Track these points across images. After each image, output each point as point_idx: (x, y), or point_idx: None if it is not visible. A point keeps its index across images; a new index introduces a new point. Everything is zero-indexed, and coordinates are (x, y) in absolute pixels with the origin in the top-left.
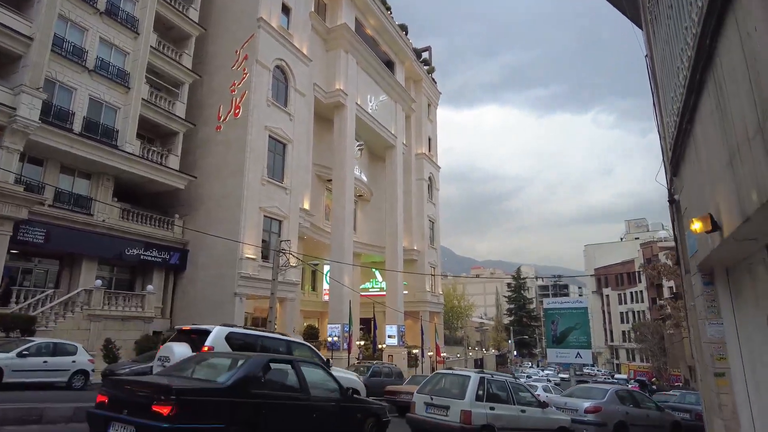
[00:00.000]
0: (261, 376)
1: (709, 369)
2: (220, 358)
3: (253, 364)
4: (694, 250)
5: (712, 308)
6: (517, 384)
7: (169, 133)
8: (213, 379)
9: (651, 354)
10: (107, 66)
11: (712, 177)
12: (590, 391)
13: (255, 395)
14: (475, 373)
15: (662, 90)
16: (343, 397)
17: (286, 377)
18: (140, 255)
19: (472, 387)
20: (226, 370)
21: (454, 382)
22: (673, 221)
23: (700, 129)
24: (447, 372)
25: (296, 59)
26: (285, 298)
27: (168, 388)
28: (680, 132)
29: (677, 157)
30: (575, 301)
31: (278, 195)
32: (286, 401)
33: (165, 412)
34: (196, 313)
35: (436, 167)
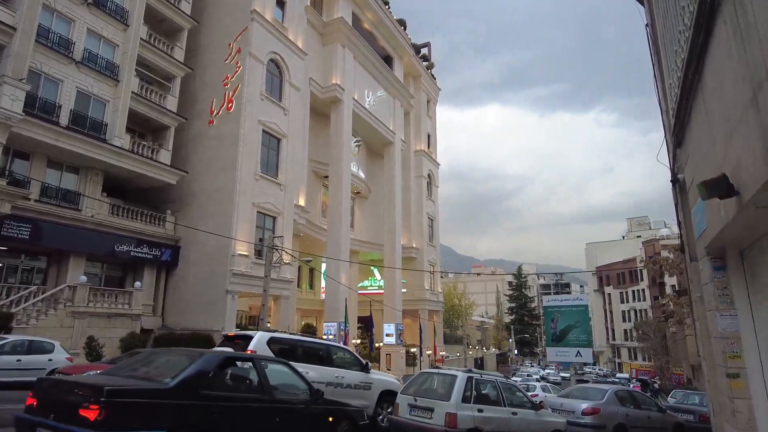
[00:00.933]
0: (215, 376)
1: (719, 369)
2: (178, 355)
3: (205, 362)
4: (701, 228)
5: (724, 297)
6: (508, 384)
7: (160, 128)
8: (160, 378)
9: (653, 353)
10: (95, 58)
11: (726, 128)
12: (588, 391)
13: (206, 397)
14: (462, 372)
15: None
16: (312, 398)
17: (245, 377)
18: (131, 251)
19: (458, 387)
20: (179, 369)
21: (439, 382)
22: (676, 204)
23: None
24: (433, 371)
25: (291, 53)
26: (279, 296)
27: (97, 390)
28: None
29: (681, 121)
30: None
31: (272, 191)
32: (244, 403)
33: (92, 416)
34: (188, 310)
35: (435, 164)
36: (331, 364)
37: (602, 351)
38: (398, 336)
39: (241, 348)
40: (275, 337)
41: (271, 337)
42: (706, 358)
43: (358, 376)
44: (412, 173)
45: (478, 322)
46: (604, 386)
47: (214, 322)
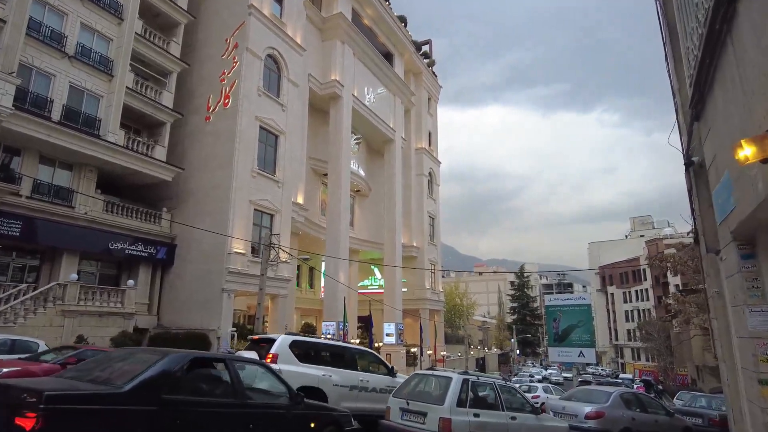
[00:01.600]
0: (180, 378)
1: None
2: (141, 355)
3: (169, 364)
4: (726, 210)
5: (755, 291)
6: (507, 386)
7: (156, 124)
8: (115, 382)
9: (657, 353)
10: (89, 52)
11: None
12: (592, 393)
13: (169, 402)
14: (457, 374)
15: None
16: (292, 402)
17: (216, 379)
18: (125, 249)
19: (453, 390)
20: (138, 371)
21: (433, 384)
22: (689, 190)
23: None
24: (427, 373)
25: (289, 48)
26: (277, 295)
27: (36, 395)
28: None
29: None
30: (578, 298)
31: (270, 188)
32: (213, 408)
33: (28, 425)
34: (184, 309)
35: (436, 162)
36: (355, 367)
37: (605, 351)
38: (398, 336)
39: (265, 351)
40: (297, 339)
41: (293, 340)
42: (725, 360)
43: (384, 380)
44: (413, 171)
45: (480, 322)
46: (608, 388)
47: (210, 321)
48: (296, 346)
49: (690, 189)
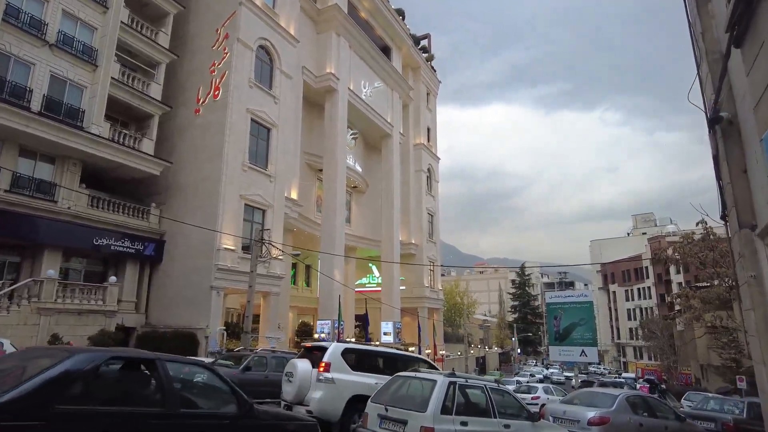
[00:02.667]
0: (86, 384)
1: None
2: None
3: (71, 365)
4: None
5: None
6: (500, 390)
7: (143, 116)
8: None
9: (660, 352)
10: (71, 41)
11: None
12: (595, 396)
13: (64, 415)
14: (443, 376)
15: None
16: (242, 410)
17: (138, 384)
18: (111, 245)
19: (437, 395)
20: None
21: (416, 388)
22: (716, 155)
23: None
24: (409, 375)
25: (282, 40)
26: (269, 293)
27: None
28: None
29: None
30: (580, 295)
31: (261, 182)
32: (129, 420)
33: None
34: (173, 307)
35: (435, 158)
36: None
37: (607, 350)
38: (396, 335)
39: (317, 359)
40: (349, 347)
41: (346, 348)
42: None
43: None
44: (411, 167)
45: (480, 321)
46: (613, 391)
47: (199, 319)
48: (348, 353)
49: (716, 154)
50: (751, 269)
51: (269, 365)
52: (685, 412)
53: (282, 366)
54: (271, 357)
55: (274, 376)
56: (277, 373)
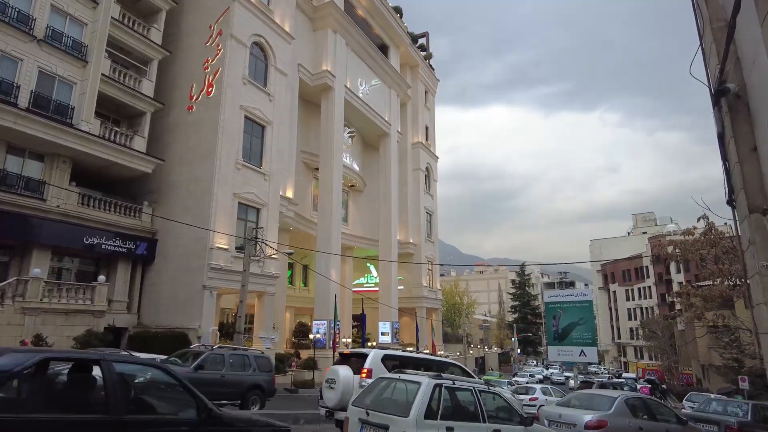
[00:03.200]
0: (10, 389)
1: None
2: None
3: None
4: None
5: None
6: (490, 392)
7: (135, 114)
8: None
9: (660, 352)
10: (60, 36)
11: None
12: (593, 399)
13: None
14: (428, 378)
15: None
16: (201, 416)
17: (79, 388)
18: (102, 244)
19: (420, 399)
20: None
21: (399, 390)
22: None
23: None
24: (393, 376)
25: (277, 36)
26: (264, 292)
27: None
28: None
29: None
30: (579, 294)
31: (255, 180)
32: (65, 429)
33: None
34: (166, 307)
35: (434, 157)
36: None
37: (607, 350)
38: (394, 335)
39: (358, 366)
40: (389, 354)
41: (386, 354)
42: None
43: None
44: (410, 166)
45: (480, 321)
46: (612, 392)
47: (192, 319)
48: (389, 360)
49: (721, 132)
50: (763, 258)
51: (227, 364)
52: (686, 415)
53: (243, 364)
54: (230, 355)
55: (233, 376)
56: (237, 373)
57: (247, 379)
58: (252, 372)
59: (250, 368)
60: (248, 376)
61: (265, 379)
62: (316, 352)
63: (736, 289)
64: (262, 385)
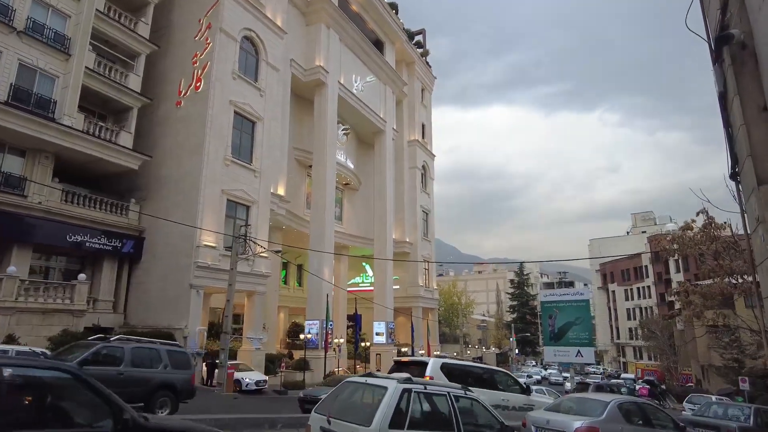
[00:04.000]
0: None
1: None
2: None
3: None
4: None
5: None
6: (467, 398)
7: (122, 109)
8: None
9: (660, 352)
10: (41, 28)
11: None
12: (584, 404)
13: None
14: (396, 382)
15: None
16: (118, 427)
17: None
18: (86, 242)
19: (386, 405)
20: None
21: (366, 396)
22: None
23: None
24: (359, 380)
25: (268, 31)
26: (254, 292)
27: None
28: None
29: None
30: (576, 293)
31: (245, 177)
32: None
33: None
34: (153, 307)
35: (430, 155)
36: (496, 387)
37: (606, 350)
38: (389, 335)
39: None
40: (446, 363)
41: (443, 363)
42: None
43: (520, 399)
44: (406, 164)
45: (479, 321)
46: (605, 396)
47: (179, 319)
48: (446, 368)
49: (723, 91)
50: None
51: (126, 359)
52: (685, 420)
53: (150, 360)
54: (133, 348)
55: (135, 374)
56: (142, 370)
57: (157, 377)
58: (163, 369)
59: (160, 364)
60: (157, 374)
61: (179, 378)
62: (307, 353)
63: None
64: (174, 384)
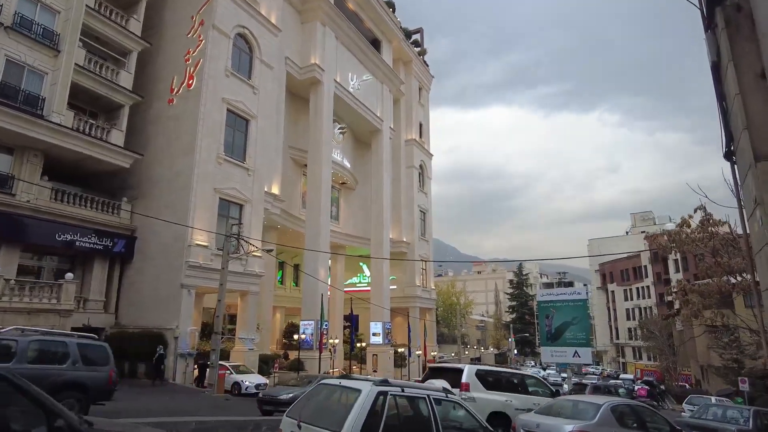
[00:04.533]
0: None
1: None
2: None
3: None
4: None
5: None
6: (448, 402)
7: (113, 107)
8: None
9: (659, 352)
10: (30, 24)
11: None
12: (576, 406)
13: None
14: (371, 384)
15: None
16: None
17: None
18: (76, 241)
19: (358, 410)
20: None
21: (338, 399)
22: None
23: None
24: (333, 382)
25: (262, 28)
26: (247, 292)
27: None
28: None
29: None
30: (573, 293)
31: (238, 175)
32: None
33: None
34: (145, 307)
35: (428, 155)
36: (527, 391)
37: (606, 350)
38: (386, 335)
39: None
40: (480, 369)
41: (477, 369)
42: None
43: None
44: (403, 163)
45: (478, 321)
46: (598, 399)
47: (171, 319)
48: (481, 375)
49: (716, 59)
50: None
51: (21, 353)
52: (682, 422)
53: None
54: (31, 341)
55: (33, 372)
56: (42, 366)
57: (61, 375)
58: (71, 366)
59: (68, 360)
60: (63, 371)
61: (91, 376)
62: (302, 354)
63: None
64: (84, 383)
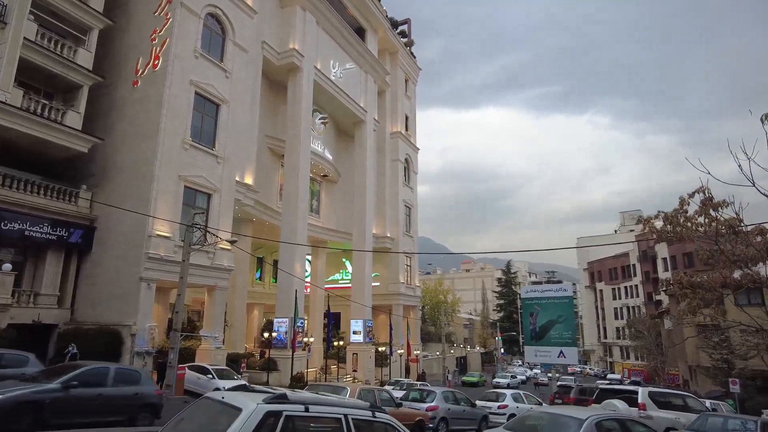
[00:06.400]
0: None
1: None
2: None
3: None
4: None
5: None
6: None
7: (71, 87)
8: None
9: (647, 352)
10: None
11: None
12: (554, 422)
13: None
14: (255, 403)
15: None
16: None
17: None
18: (24, 230)
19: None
20: None
21: (219, 419)
22: None
23: None
24: (216, 397)
25: (236, 9)
26: (215, 287)
27: None
28: None
29: None
30: (558, 289)
31: (206, 163)
32: None
33: None
34: (104, 302)
35: (414, 148)
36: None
37: (593, 350)
38: (367, 333)
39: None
40: (652, 390)
41: (650, 391)
42: None
43: None
44: (388, 156)
45: (465, 320)
46: (581, 412)
47: (129, 315)
48: (652, 395)
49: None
50: None
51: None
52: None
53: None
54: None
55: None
56: None
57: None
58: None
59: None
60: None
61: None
62: (275, 352)
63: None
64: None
